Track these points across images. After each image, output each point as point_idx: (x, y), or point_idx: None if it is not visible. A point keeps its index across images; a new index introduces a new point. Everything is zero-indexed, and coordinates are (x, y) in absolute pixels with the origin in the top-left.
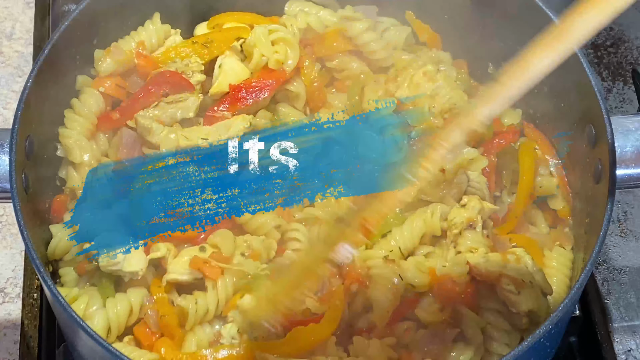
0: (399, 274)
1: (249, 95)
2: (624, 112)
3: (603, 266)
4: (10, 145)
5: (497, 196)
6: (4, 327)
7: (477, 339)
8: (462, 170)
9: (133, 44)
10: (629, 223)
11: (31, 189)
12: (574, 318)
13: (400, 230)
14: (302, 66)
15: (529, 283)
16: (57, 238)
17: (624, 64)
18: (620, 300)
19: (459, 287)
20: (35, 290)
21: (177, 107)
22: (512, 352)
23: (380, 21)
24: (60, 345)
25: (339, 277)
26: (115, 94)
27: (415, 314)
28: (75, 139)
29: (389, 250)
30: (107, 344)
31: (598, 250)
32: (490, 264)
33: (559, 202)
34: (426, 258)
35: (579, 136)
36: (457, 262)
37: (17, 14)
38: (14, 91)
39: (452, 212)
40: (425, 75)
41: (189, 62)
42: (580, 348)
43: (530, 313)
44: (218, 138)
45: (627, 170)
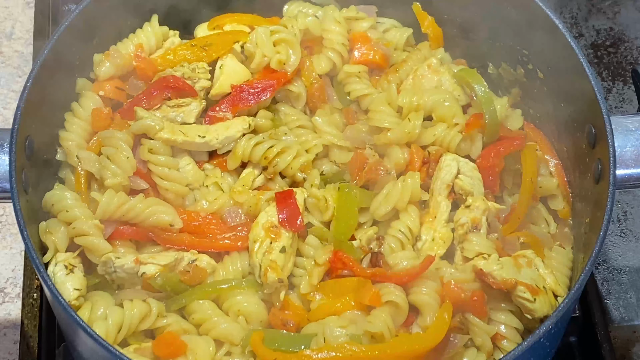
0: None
1: (251, 96)
2: (624, 112)
3: (603, 266)
4: (10, 145)
5: (498, 196)
6: (4, 327)
7: (487, 346)
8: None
9: (131, 47)
10: (629, 223)
11: (31, 189)
12: (574, 318)
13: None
14: (302, 67)
15: (543, 288)
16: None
17: (624, 64)
18: (620, 300)
19: (465, 294)
20: (35, 290)
21: (179, 110)
22: (512, 352)
23: (381, 22)
24: (60, 345)
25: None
26: (115, 96)
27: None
28: (76, 142)
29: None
30: (106, 343)
31: (598, 250)
32: (505, 271)
33: (559, 202)
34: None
35: (579, 136)
36: (464, 269)
37: (17, 14)
38: (14, 91)
39: (458, 212)
40: (430, 68)
41: (195, 66)
42: (580, 348)
43: (544, 318)
44: (216, 137)
45: (627, 170)
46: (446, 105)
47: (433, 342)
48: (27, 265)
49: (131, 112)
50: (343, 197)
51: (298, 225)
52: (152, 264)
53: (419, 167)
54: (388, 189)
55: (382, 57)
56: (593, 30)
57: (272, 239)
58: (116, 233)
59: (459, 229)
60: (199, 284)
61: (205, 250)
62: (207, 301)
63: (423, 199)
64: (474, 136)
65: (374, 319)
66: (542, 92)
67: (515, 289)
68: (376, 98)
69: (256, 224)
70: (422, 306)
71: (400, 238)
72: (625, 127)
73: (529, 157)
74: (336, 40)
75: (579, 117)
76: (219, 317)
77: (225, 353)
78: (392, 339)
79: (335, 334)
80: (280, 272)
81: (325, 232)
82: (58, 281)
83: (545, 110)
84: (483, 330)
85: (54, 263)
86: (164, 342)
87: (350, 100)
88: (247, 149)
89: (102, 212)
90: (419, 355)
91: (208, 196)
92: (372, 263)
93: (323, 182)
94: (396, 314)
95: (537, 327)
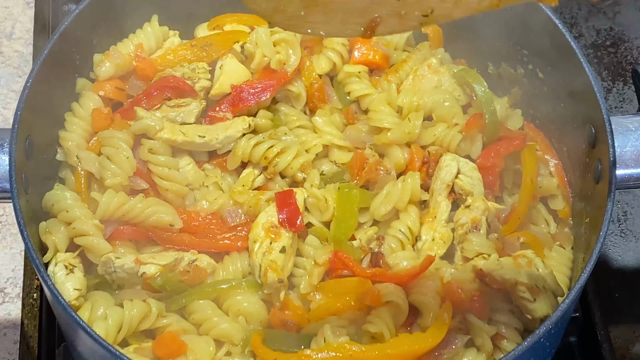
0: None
1: (251, 96)
2: (624, 112)
3: (603, 266)
4: (10, 145)
5: (498, 196)
6: (4, 327)
7: (487, 346)
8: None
9: (131, 47)
10: (628, 223)
11: (31, 189)
12: (574, 318)
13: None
14: (302, 67)
15: (543, 288)
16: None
17: (624, 64)
18: (620, 300)
19: (466, 294)
20: (35, 290)
21: (179, 110)
22: (512, 352)
23: None
24: (60, 345)
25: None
26: (115, 96)
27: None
28: (76, 142)
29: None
30: (106, 343)
31: (598, 250)
32: (505, 271)
33: (559, 202)
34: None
35: (579, 136)
36: (464, 269)
37: (17, 14)
38: (14, 91)
39: (458, 212)
40: (430, 68)
41: (195, 66)
42: (580, 348)
43: (544, 318)
44: (216, 137)
45: (626, 170)
46: (446, 105)
47: (433, 342)
48: (27, 265)
49: (131, 112)
50: (343, 197)
51: (298, 226)
52: (152, 264)
53: (419, 167)
54: (388, 189)
55: (382, 57)
56: (593, 30)
57: (272, 239)
58: (116, 233)
59: (459, 229)
60: (199, 284)
61: (205, 250)
62: (207, 301)
63: (423, 199)
64: (474, 136)
65: (374, 319)
66: (542, 92)
67: (515, 289)
68: (376, 98)
69: (256, 224)
70: (422, 306)
71: (400, 238)
72: (625, 127)
73: (529, 157)
74: (336, 40)
75: (579, 117)
76: (219, 317)
77: (225, 353)
78: (392, 339)
79: (336, 334)
80: (280, 272)
81: (325, 232)
82: (58, 281)
83: (545, 110)
84: (483, 330)
85: (54, 263)
86: (164, 342)
87: (350, 100)
88: (247, 149)
89: (102, 212)
90: (419, 355)
91: (208, 196)
92: (372, 263)
93: (323, 182)
94: (396, 314)
95: (537, 327)
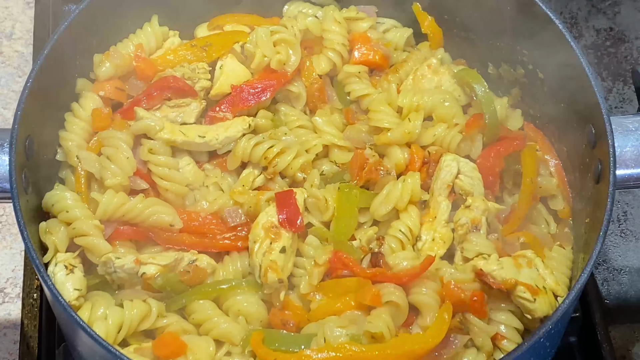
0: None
1: (251, 96)
2: (624, 112)
3: (603, 266)
4: (10, 145)
5: (498, 196)
6: (4, 327)
7: (487, 346)
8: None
9: (131, 47)
10: (629, 223)
11: (31, 189)
12: (574, 318)
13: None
14: (302, 67)
15: (543, 288)
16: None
17: (624, 64)
18: (620, 301)
19: (466, 294)
20: (35, 290)
21: (179, 111)
22: (512, 352)
23: (381, 22)
24: (60, 345)
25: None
26: (115, 97)
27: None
28: (76, 143)
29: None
30: (106, 343)
31: (598, 250)
32: (505, 271)
33: (559, 202)
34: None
35: (579, 136)
36: (464, 269)
37: (17, 14)
38: (14, 91)
39: (458, 212)
40: (430, 68)
41: (195, 66)
42: (580, 348)
43: (544, 318)
44: (216, 137)
45: (626, 170)
46: (446, 106)
47: (433, 342)
48: (27, 265)
49: (131, 112)
50: (343, 197)
51: (298, 226)
52: (152, 264)
53: (419, 167)
54: (388, 189)
55: (382, 57)
56: (593, 30)
57: (272, 239)
58: (116, 233)
59: (459, 229)
60: (199, 284)
61: (205, 250)
62: (207, 301)
63: (423, 199)
64: (474, 136)
65: (374, 319)
66: (542, 92)
67: (515, 289)
68: (376, 98)
69: (256, 224)
70: (422, 306)
71: (401, 238)
72: (625, 127)
73: (529, 157)
74: (336, 40)
75: (579, 117)
76: (219, 317)
77: (225, 353)
78: (392, 339)
79: (335, 334)
80: (280, 272)
81: (325, 232)
82: (58, 281)
83: (545, 110)
84: (483, 330)
85: (54, 263)
86: (164, 342)
87: (350, 100)
88: (247, 149)
89: (102, 212)
90: (419, 355)
91: (208, 196)
92: (372, 263)
93: (323, 182)
94: (396, 314)
95: (537, 327)
